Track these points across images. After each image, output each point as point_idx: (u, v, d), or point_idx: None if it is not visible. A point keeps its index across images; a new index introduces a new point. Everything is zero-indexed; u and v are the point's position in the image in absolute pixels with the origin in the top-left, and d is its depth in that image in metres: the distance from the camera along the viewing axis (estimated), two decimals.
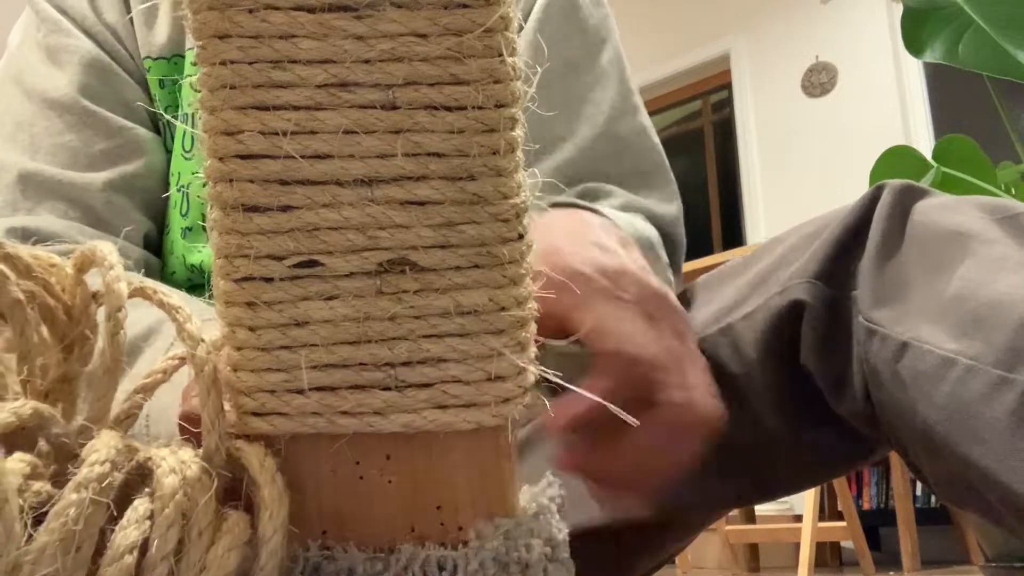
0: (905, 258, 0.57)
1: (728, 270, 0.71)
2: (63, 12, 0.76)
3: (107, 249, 0.35)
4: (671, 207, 0.75)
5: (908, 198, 0.59)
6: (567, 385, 0.41)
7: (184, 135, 0.75)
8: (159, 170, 0.75)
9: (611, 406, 0.41)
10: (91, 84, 0.74)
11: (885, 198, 0.59)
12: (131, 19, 0.77)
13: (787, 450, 0.64)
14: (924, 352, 0.52)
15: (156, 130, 0.77)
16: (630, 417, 0.42)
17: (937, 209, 0.58)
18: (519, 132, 0.35)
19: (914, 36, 1.57)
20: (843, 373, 0.58)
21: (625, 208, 0.73)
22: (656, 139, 0.78)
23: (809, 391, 0.61)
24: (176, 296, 0.36)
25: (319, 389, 0.34)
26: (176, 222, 0.74)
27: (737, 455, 0.65)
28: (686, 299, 0.73)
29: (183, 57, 0.76)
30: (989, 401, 0.49)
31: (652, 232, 0.66)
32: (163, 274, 0.74)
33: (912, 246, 0.57)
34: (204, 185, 0.34)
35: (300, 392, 0.34)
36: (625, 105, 0.77)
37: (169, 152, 0.76)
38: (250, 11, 0.32)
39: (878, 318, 0.56)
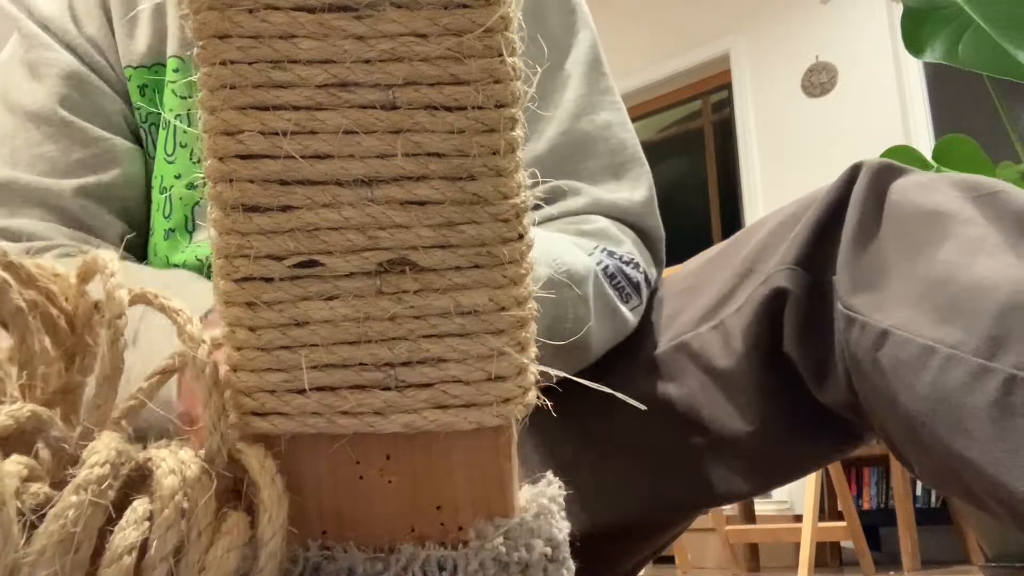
0: (883, 241, 0.57)
1: (710, 261, 0.71)
2: (44, 27, 0.77)
3: (108, 257, 0.35)
4: (638, 194, 0.75)
5: (885, 177, 0.59)
6: (609, 391, 0.40)
7: (166, 139, 0.75)
8: (138, 179, 0.76)
9: (619, 395, 0.41)
10: (70, 96, 0.75)
11: (862, 179, 0.59)
12: (113, 31, 0.78)
13: (775, 440, 0.64)
14: (904, 340, 0.52)
15: (137, 139, 0.78)
16: (638, 403, 0.42)
17: (914, 188, 0.57)
18: (519, 132, 0.35)
19: (914, 36, 1.57)
20: (824, 362, 0.58)
21: (588, 208, 0.72)
22: (625, 133, 0.78)
23: (794, 380, 0.61)
24: (176, 299, 0.36)
25: (319, 389, 0.34)
26: (159, 224, 0.74)
27: (726, 447, 0.65)
28: (659, 297, 0.73)
29: (163, 65, 0.77)
30: (971, 391, 0.48)
31: (581, 264, 0.64)
32: None
33: (890, 228, 0.57)
34: (190, 187, 0.34)
35: (300, 392, 0.34)
36: (589, 102, 0.77)
37: (152, 158, 0.77)
38: (250, 11, 0.32)
39: (857, 305, 0.55)
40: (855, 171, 0.60)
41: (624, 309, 0.68)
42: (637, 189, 0.75)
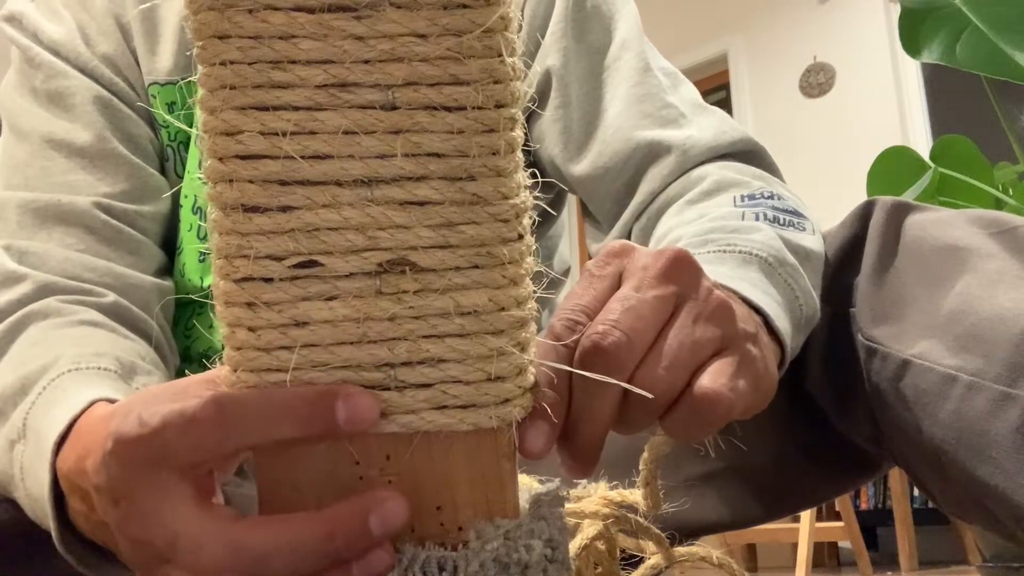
0: (902, 273, 0.56)
1: None
2: (55, 53, 0.72)
3: None
4: (726, 122, 0.73)
5: (901, 212, 0.59)
6: (615, 382, 0.38)
7: (200, 158, 0.71)
8: (168, 215, 0.73)
9: (628, 386, 0.39)
10: (106, 123, 0.71)
11: (877, 214, 0.59)
12: (131, 47, 0.74)
13: (793, 470, 0.63)
14: (925, 369, 0.52)
15: (161, 159, 0.74)
16: (645, 393, 0.39)
17: (932, 223, 0.57)
18: (519, 132, 0.35)
19: (912, 36, 1.57)
20: (846, 392, 0.58)
21: (679, 167, 0.68)
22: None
23: (814, 410, 0.60)
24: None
25: None
26: (192, 245, 0.72)
27: (743, 474, 0.65)
28: None
29: (191, 79, 0.73)
30: (994, 418, 0.48)
31: (764, 239, 0.59)
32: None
33: (908, 261, 0.56)
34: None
35: None
36: (648, 64, 0.76)
37: (179, 177, 0.74)
38: (250, 11, 0.32)
39: (877, 336, 0.55)
40: (869, 206, 0.59)
41: (807, 239, 0.60)
42: (723, 120, 0.72)
